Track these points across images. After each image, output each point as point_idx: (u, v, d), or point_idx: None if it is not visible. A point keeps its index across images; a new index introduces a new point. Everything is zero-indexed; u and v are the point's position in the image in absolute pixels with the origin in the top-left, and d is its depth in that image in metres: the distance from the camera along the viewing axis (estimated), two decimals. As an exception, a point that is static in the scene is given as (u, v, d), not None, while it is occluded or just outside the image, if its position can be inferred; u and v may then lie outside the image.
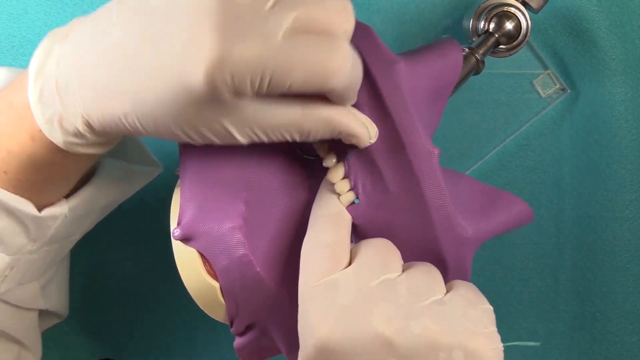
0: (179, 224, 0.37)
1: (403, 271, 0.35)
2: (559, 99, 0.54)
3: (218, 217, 0.36)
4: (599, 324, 0.57)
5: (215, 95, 0.29)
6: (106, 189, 0.44)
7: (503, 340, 0.58)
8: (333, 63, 0.30)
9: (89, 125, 0.34)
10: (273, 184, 0.38)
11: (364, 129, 0.35)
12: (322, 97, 0.33)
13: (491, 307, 0.35)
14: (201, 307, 0.38)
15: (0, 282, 0.41)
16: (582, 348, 0.58)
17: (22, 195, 0.38)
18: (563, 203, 0.56)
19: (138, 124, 0.32)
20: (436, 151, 0.36)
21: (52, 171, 0.38)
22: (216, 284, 0.37)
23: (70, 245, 0.46)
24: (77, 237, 0.46)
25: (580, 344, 0.58)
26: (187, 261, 0.37)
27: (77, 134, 0.34)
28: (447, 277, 0.38)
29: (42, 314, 0.49)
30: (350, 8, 0.31)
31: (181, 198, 0.38)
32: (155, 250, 0.56)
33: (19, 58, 0.53)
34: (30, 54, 0.52)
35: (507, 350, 0.58)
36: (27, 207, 0.38)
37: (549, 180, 0.56)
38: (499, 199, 0.40)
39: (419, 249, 0.38)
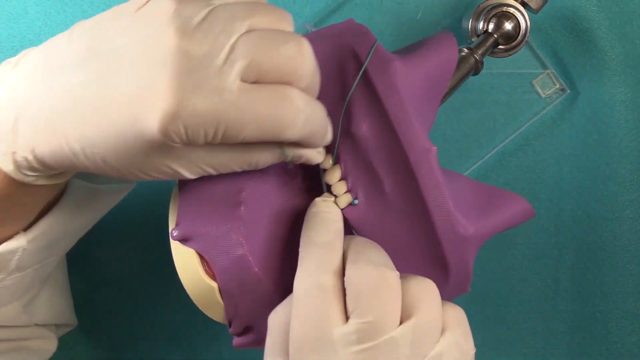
0: (177, 224, 0.37)
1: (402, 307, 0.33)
2: (559, 99, 0.54)
3: (216, 217, 0.36)
4: (599, 324, 0.57)
5: (168, 145, 0.30)
6: (72, 215, 0.43)
7: (504, 341, 0.58)
8: (285, 117, 0.30)
9: (39, 159, 0.33)
10: (270, 184, 0.38)
11: (312, 153, 0.35)
12: None
13: (475, 351, 0.35)
14: (200, 308, 0.39)
15: None
16: (582, 348, 0.57)
17: None
18: (563, 203, 0.56)
19: (86, 163, 0.32)
20: (434, 149, 0.36)
21: (10, 202, 0.37)
22: (214, 285, 0.37)
23: (53, 265, 0.46)
24: (56, 258, 0.45)
25: (580, 344, 0.58)
26: (185, 262, 0.37)
27: (30, 167, 0.34)
28: (450, 278, 0.38)
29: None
30: (306, 51, 0.31)
31: (180, 199, 0.38)
32: (154, 251, 0.56)
33: (19, 58, 0.53)
34: (30, 54, 0.53)
35: (507, 351, 0.58)
36: None
37: (549, 180, 0.56)
38: (498, 197, 0.40)
39: (419, 249, 0.38)
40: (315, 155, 0.36)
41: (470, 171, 0.55)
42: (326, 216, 0.36)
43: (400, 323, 0.32)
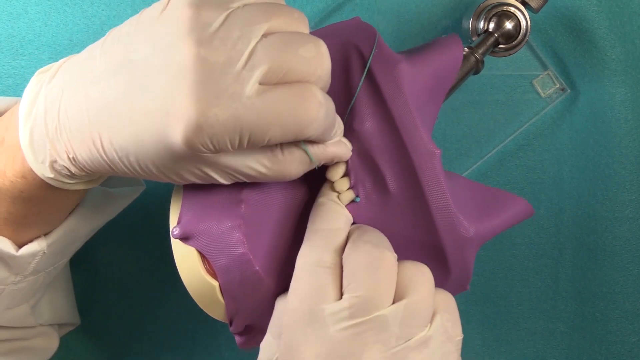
0: (178, 222, 0.37)
1: (397, 288, 0.34)
2: (559, 99, 0.54)
3: (217, 216, 0.36)
4: (599, 324, 0.57)
5: (195, 155, 0.30)
6: (87, 219, 0.44)
7: (504, 340, 0.58)
8: (307, 114, 0.31)
9: (79, 167, 0.34)
10: (271, 183, 0.38)
11: (343, 149, 0.36)
12: None
13: (462, 337, 0.35)
14: (201, 306, 0.38)
15: None
16: (582, 348, 0.57)
17: (6, 232, 0.39)
18: (563, 203, 0.56)
19: (124, 169, 0.33)
20: (438, 152, 0.36)
21: (42, 206, 0.38)
22: (215, 283, 0.37)
23: (61, 267, 0.47)
24: (65, 261, 0.46)
25: (580, 344, 0.57)
26: (186, 260, 0.37)
27: (68, 175, 0.35)
28: (450, 277, 0.38)
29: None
30: (324, 51, 0.32)
31: (180, 197, 0.38)
32: (155, 250, 0.56)
33: (18, 58, 0.53)
34: (30, 54, 0.53)
35: (507, 351, 0.58)
36: (4, 245, 0.39)
37: (549, 180, 0.56)
38: (499, 198, 0.40)
39: (420, 248, 0.38)
40: (347, 150, 0.36)
41: (470, 171, 0.55)
42: (333, 206, 0.36)
43: (393, 303, 0.33)
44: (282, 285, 0.37)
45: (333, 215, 0.36)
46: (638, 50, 0.53)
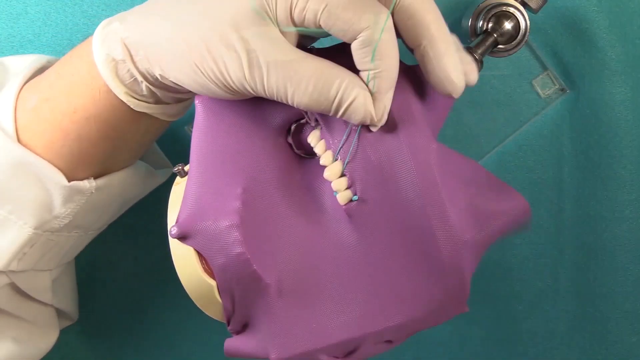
0: (176, 222, 0.37)
1: None
2: (559, 99, 0.54)
3: (215, 215, 0.36)
4: (599, 324, 0.57)
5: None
6: (130, 182, 0.45)
7: (504, 340, 0.57)
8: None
9: (159, 79, 0.37)
10: (269, 183, 0.38)
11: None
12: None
13: None
14: (198, 306, 0.39)
15: (19, 258, 0.41)
16: (582, 348, 0.57)
17: (65, 168, 0.40)
18: (563, 203, 0.56)
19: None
20: (434, 146, 0.36)
21: (113, 138, 0.40)
22: (213, 282, 0.37)
23: (84, 243, 0.47)
24: (92, 232, 0.47)
25: (580, 344, 0.57)
26: (184, 259, 0.37)
27: (150, 85, 0.38)
28: (445, 291, 0.38)
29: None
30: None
31: (178, 197, 0.38)
32: (153, 249, 0.56)
33: (19, 58, 0.53)
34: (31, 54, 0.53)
35: (508, 351, 0.58)
36: (57, 175, 0.39)
37: (549, 180, 0.56)
38: (502, 190, 0.39)
39: (417, 248, 0.37)
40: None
41: (470, 171, 0.55)
42: None
43: None
44: (280, 284, 0.37)
45: None
46: (638, 50, 0.52)
